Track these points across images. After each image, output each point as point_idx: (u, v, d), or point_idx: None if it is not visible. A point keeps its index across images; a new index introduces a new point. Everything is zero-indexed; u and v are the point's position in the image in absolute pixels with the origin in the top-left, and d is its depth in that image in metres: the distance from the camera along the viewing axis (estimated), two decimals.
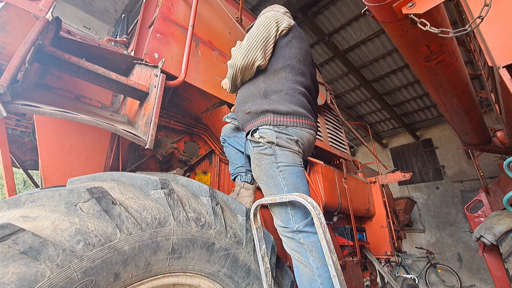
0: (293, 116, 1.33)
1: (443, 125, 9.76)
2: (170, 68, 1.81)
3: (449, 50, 1.95)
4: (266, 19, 1.46)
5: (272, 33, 1.43)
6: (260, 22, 1.46)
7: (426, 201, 9.67)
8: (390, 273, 6.93)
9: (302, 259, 1.21)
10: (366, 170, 4.93)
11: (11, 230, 0.69)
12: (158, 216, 1.01)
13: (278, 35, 1.45)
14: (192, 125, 2.20)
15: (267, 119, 1.32)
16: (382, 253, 3.56)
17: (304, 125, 1.35)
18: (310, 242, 1.20)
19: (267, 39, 1.42)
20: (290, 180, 1.27)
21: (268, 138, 1.30)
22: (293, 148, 1.31)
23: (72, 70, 1.29)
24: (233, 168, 1.95)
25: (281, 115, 1.32)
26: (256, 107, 1.37)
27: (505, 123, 2.81)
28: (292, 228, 1.24)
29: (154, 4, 2.14)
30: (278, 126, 1.31)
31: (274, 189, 1.30)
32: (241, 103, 1.49)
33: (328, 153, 3.22)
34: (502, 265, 3.45)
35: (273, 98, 1.35)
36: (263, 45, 1.40)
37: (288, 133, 1.31)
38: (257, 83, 1.43)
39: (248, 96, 1.44)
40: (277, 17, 1.48)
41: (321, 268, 1.16)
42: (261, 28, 1.43)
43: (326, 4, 5.87)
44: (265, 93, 1.36)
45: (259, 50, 1.39)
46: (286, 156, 1.29)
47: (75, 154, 1.50)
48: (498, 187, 4.27)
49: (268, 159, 1.31)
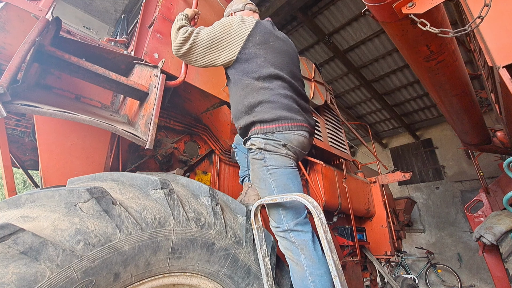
0: (277, 122, 1.37)
1: (443, 125, 9.76)
2: (170, 68, 1.81)
3: (449, 50, 1.94)
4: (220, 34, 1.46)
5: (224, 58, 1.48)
6: (217, 33, 1.46)
7: (426, 201, 9.67)
8: (390, 273, 6.93)
9: (294, 257, 1.25)
10: (366, 170, 4.93)
11: (11, 230, 0.69)
12: (158, 216, 1.01)
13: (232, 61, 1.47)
14: (192, 125, 2.20)
15: (255, 129, 1.41)
16: (382, 253, 3.56)
17: (290, 128, 1.37)
18: (301, 240, 1.25)
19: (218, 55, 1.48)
20: (280, 182, 1.32)
21: (258, 145, 1.38)
22: (281, 151, 1.36)
23: (72, 70, 1.29)
24: (242, 171, 2.08)
25: (266, 123, 1.38)
26: (245, 122, 1.46)
27: (505, 123, 2.81)
28: (283, 228, 1.29)
29: (154, 4, 2.13)
30: (265, 134, 1.37)
31: (266, 191, 1.36)
32: (235, 120, 1.58)
33: (328, 153, 3.22)
34: (502, 265, 3.45)
35: (257, 110, 1.41)
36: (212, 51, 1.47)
37: (275, 139, 1.35)
38: (240, 99, 1.48)
39: (239, 114, 1.51)
40: (232, 34, 1.46)
41: (311, 266, 1.19)
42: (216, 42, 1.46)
43: (326, 4, 5.87)
44: (249, 108, 1.43)
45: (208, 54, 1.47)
46: (275, 159, 1.35)
47: (75, 154, 1.50)
48: (498, 187, 4.27)
49: (259, 163, 1.38)
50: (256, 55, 1.45)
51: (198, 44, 1.46)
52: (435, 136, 10.08)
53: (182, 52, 1.48)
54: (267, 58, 1.46)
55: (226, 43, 1.45)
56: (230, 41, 1.45)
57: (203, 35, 1.46)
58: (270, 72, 1.43)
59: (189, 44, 1.45)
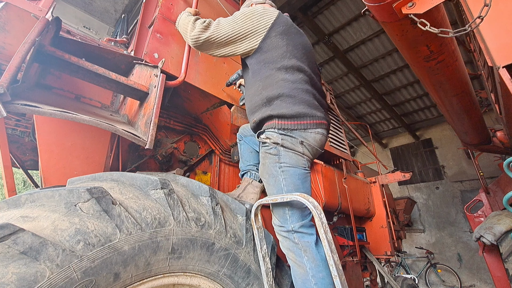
0: (297, 119, 1.34)
1: (443, 125, 9.76)
2: (170, 68, 1.81)
3: (449, 50, 1.95)
4: (247, 19, 1.41)
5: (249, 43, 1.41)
6: (241, 19, 1.41)
7: (426, 201, 9.67)
8: (390, 273, 6.93)
9: (296, 259, 1.23)
10: (366, 170, 4.93)
11: (11, 230, 0.69)
12: (158, 216, 1.01)
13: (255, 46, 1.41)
14: (192, 125, 2.20)
15: (272, 123, 1.36)
16: (382, 253, 3.56)
17: (309, 126, 1.35)
18: (304, 242, 1.23)
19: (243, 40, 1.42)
20: (290, 181, 1.29)
21: (274, 139, 1.33)
22: (297, 149, 1.33)
23: (72, 70, 1.29)
24: (245, 165, 1.95)
25: (285, 118, 1.34)
26: (261, 115, 1.40)
27: (505, 123, 2.81)
28: (288, 228, 1.27)
29: (154, 4, 2.13)
30: (283, 130, 1.33)
31: (274, 188, 1.33)
32: (250, 114, 1.53)
33: (328, 153, 3.22)
34: (502, 265, 3.45)
35: (276, 103, 1.36)
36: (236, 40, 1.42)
37: (293, 136, 1.33)
38: (258, 91, 1.43)
39: (255, 106, 1.46)
40: (254, 21, 1.41)
41: (314, 269, 1.18)
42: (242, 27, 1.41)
43: (326, 4, 5.88)
44: (268, 100, 1.38)
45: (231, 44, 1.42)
46: (289, 157, 1.32)
47: (75, 154, 1.50)
48: (498, 187, 4.27)
49: (272, 159, 1.34)
50: (278, 45, 1.40)
51: (219, 33, 1.40)
52: (435, 136, 10.08)
53: (202, 40, 1.41)
54: (289, 49, 1.41)
55: (248, 32, 1.40)
56: (253, 29, 1.40)
57: (225, 24, 1.41)
58: (292, 64, 1.40)
59: (210, 32, 1.40)
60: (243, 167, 1.98)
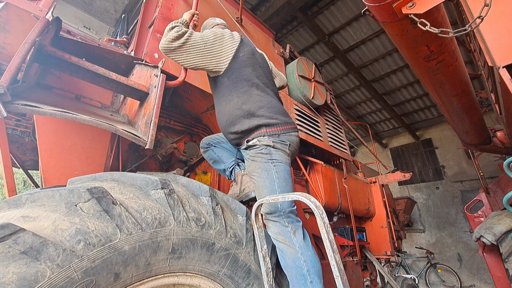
0: (281, 125, 1.53)
1: (443, 125, 9.76)
2: (170, 68, 1.81)
3: (449, 50, 1.95)
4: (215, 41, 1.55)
5: None
6: (209, 39, 1.54)
7: (426, 201, 9.67)
8: (390, 273, 6.93)
9: (286, 240, 1.32)
10: (366, 170, 4.93)
11: (11, 230, 0.69)
12: (158, 216, 1.01)
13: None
14: (192, 125, 2.20)
15: (262, 132, 1.50)
16: (382, 253, 3.56)
17: (290, 130, 1.55)
18: (293, 225, 1.36)
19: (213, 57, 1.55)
20: (281, 175, 1.43)
21: (265, 142, 1.47)
22: (286, 150, 1.50)
23: (72, 70, 1.29)
24: (228, 162, 1.91)
25: (272, 126, 1.51)
26: (247, 126, 1.51)
27: (505, 123, 2.81)
28: (278, 213, 1.36)
29: (154, 4, 2.14)
30: (272, 136, 1.49)
31: (266, 180, 1.41)
32: (228, 125, 1.59)
33: (328, 153, 3.22)
34: (502, 265, 3.45)
35: (260, 114, 1.50)
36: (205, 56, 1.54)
37: (282, 140, 1.50)
38: (238, 106, 1.53)
39: (233, 118, 1.55)
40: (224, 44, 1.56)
41: (304, 247, 1.29)
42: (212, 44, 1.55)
43: (326, 4, 5.87)
44: (250, 113, 1.51)
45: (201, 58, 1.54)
46: (279, 155, 1.47)
47: (75, 154, 1.50)
48: (498, 187, 4.27)
49: (264, 157, 1.45)
50: (247, 64, 1.59)
51: (190, 44, 1.49)
52: (435, 136, 10.08)
53: (173, 47, 1.47)
54: (255, 69, 1.62)
55: (218, 50, 1.55)
56: (222, 49, 1.56)
57: (197, 37, 1.52)
58: (259, 80, 1.61)
59: (182, 41, 1.48)
60: (227, 164, 1.93)
